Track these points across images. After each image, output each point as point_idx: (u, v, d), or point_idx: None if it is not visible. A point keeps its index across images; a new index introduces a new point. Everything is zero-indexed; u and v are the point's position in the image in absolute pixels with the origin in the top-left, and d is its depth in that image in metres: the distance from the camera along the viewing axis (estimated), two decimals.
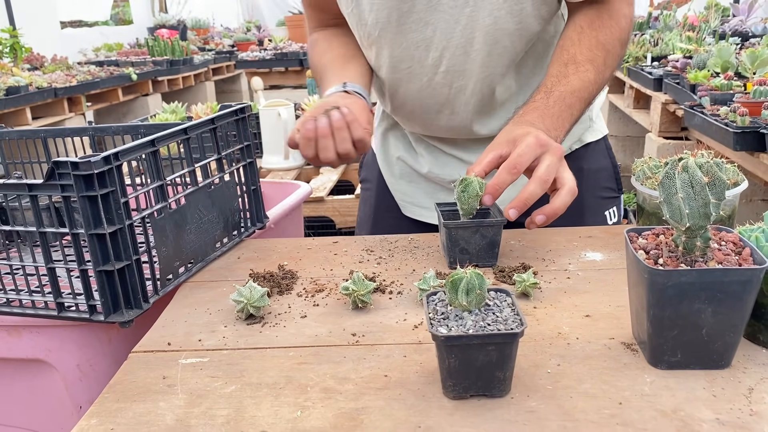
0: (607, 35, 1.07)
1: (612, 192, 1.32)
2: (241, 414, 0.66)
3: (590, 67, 1.05)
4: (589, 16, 1.08)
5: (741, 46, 3.59)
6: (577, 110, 1.04)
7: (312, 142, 0.99)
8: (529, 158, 0.91)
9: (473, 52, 1.09)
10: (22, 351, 0.93)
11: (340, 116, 0.99)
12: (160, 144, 0.92)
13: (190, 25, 9.00)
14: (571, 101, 1.02)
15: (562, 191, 0.92)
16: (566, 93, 1.02)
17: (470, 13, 1.06)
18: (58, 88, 4.41)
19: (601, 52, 1.06)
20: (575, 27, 1.09)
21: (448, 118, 1.19)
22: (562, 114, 1.01)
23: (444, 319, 0.67)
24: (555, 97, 1.02)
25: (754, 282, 0.64)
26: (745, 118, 2.15)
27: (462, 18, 1.07)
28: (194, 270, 1.00)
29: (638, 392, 0.65)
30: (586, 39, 1.07)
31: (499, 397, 0.66)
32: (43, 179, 0.82)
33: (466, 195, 0.93)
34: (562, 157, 0.94)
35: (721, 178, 0.64)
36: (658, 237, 0.73)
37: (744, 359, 0.70)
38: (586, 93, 1.05)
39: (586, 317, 0.81)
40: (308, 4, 1.30)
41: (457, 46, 1.09)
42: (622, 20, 1.09)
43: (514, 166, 0.91)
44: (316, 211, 2.47)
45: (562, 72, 1.04)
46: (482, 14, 1.05)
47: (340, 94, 1.08)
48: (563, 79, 1.04)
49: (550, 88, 1.03)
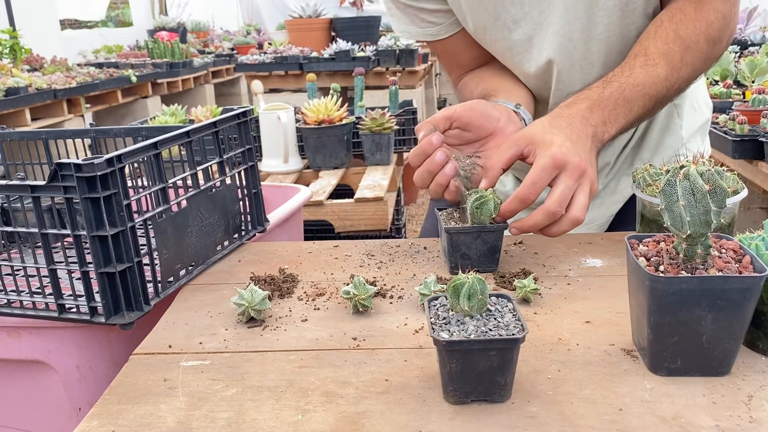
0: (690, 30, 0.97)
1: None
2: (242, 417, 0.66)
3: (662, 61, 0.96)
4: (672, 10, 1.00)
5: (740, 55, 3.61)
6: (638, 106, 0.96)
7: (431, 176, 0.94)
8: (542, 186, 0.87)
9: (587, 66, 1.07)
10: (21, 352, 0.93)
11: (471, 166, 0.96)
12: (163, 147, 0.92)
13: (190, 28, 9.00)
14: (632, 95, 0.95)
15: (563, 219, 0.88)
16: (627, 85, 0.95)
17: (581, 27, 1.03)
18: (57, 90, 4.41)
19: (678, 47, 0.97)
20: (655, 21, 1.01)
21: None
22: (618, 107, 0.94)
23: (445, 324, 0.67)
24: (613, 88, 0.95)
25: (754, 290, 0.65)
26: (743, 127, 2.16)
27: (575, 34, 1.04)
28: (195, 273, 1.00)
29: (638, 398, 0.66)
30: (663, 32, 0.98)
31: (500, 403, 0.66)
32: (46, 180, 0.82)
33: (480, 212, 0.92)
34: (581, 176, 0.88)
35: (722, 186, 0.65)
36: (659, 244, 0.73)
37: (743, 367, 0.70)
38: (653, 90, 0.96)
39: (587, 323, 0.81)
40: (443, 56, 1.26)
41: (572, 67, 1.08)
42: (711, 14, 0.99)
43: (527, 195, 0.87)
44: (315, 215, 2.47)
45: (629, 64, 0.97)
46: (598, 29, 1.03)
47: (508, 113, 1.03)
48: (627, 71, 0.96)
49: (609, 78, 0.97)
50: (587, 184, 0.89)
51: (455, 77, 1.26)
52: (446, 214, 1.02)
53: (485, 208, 0.92)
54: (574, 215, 0.88)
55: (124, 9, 9.51)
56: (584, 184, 0.89)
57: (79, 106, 4.70)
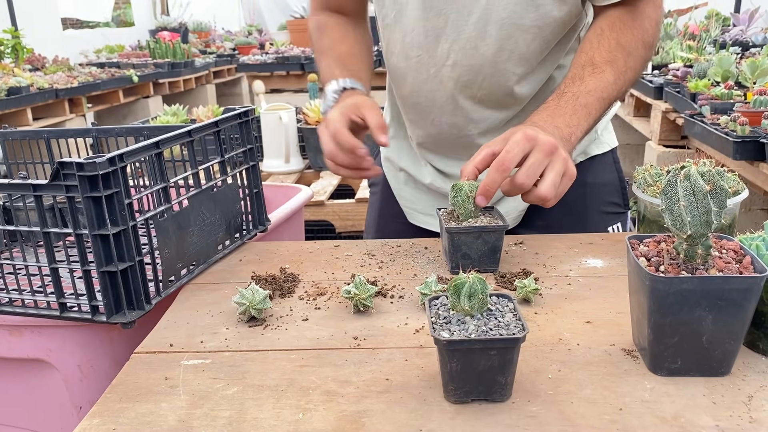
0: (629, 37, 1.04)
1: (617, 207, 1.28)
2: (243, 416, 0.66)
3: (608, 68, 1.02)
4: (611, 19, 1.06)
5: (741, 56, 3.61)
6: (595, 109, 1.01)
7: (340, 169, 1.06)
8: (516, 154, 0.89)
9: (483, 47, 1.08)
10: (23, 351, 0.93)
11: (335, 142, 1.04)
12: (164, 146, 0.92)
13: (192, 28, 9.01)
14: (586, 100, 1.00)
15: (530, 194, 0.90)
16: (580, 92, 1.00)
17: (485, 5, 1.04)
18: (59, 89, 4.42)
19: (621, 54, 1.03)
20: (595, 30, 1.07)
21: (451, 113, 1.17)
22: (576, 112, 0.98)
23: (446, 323, 0.67)
24: (567, 98, 1.00)
25: (754, 290, 0.65)
26: (745, 128, 2.16)
27: (476, 10, 1.05)
28: (196, 272, 1.01)
29: (638, 398, 0.66)
30: (606, 41, 1.04)
31: (500, 402, 0.66)
32: (48, 179, 0.82)
33: (458, 199, 0.95)
34: (552, 151, 0.90)
35: (723, 186, 0.65)
36: (660, 244, 0.73)
37: (743, 367, 0.70)
38: (605, 93, 1.01)
39: (587, 323, 0.81)
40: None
41: (467, 39, 1.08)
42: (645, 22, 1.06)
43: (502, 163, 0.89)
44: (316, 215, 2.48)
45: (578, 74, 1.02)
46: (498, 7, 1.04)
47: (351, 96, 1.10)
48: (577, 81, 1.01)
49: (562, 90, 1.01)
50: (559, 163, 0.90)
51: (317, 5, 1.32)
52: (446, 213, 1.02)
53: (461, 192, 0.94)
54: (542, 192, 0.89)
55: (126, 9, 9.52)
56: (555, 162, 0.90)
57: (81, 106, 4.71)
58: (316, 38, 1.29)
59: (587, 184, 1.24)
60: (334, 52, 1.22)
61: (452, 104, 1.16)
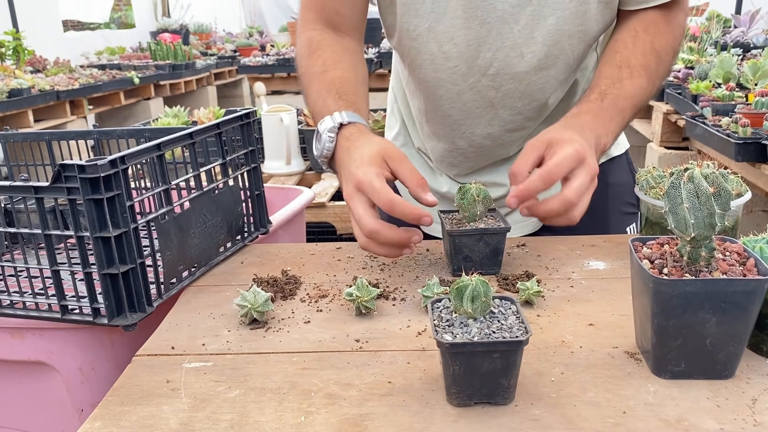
0: (663, 42, 1.03)
1: (633, 207, 1.28)
2: (245, 419, 0.66)
3: (643, 73, 1.01)
4: (645, 22, 1.04)
5: (742, 57, 3.60)
6: (628, 117, 1.00)
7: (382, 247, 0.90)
8: (565, 171, 0.87)
9: (528, 54, 1.05)
10: (24, 353, 0.93)
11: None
12: (166, 148, 0.92)
13: (193, 30, 9.02)
14: (623, 106, 0.98)
15: (566, 214, 0.88)
16: (620, 97, 0.98)
17: (532, 13, 1.01)
18: (60, 91, 4.42)
19: (654, 59, 1.02)
20: (629, 30, 1.04)
21: (487, 123, 1.13)
22: (614, 118, 0.97)
23: (449, 326, 0.67)
24: (609, 101, 0.98)
25: (758, 292, 0.64)
26: (746, 129, 2.16)
27: (522, 17, 1.02)
28: (198, 274, 1.00)
29: (642, 401, 0.66)
30: (641, 43, 1.02)
31: (503, 405, 0.66)
32: (50, 182, 0.82)
33: (465, 202, 0.95)
34: (594, 177, 0.89)
35: (727, 188, 0.65)
36: (663, 247, 0.73)
37: (747, 370, 0.70)
38: (637, 100, 1.00)
39: (590, 326, 0.81)
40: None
41: (512, 46, 1.04)
42: (676, 30, 1.05)
43: (549, 175, 0.86)
44: (318, 216, 2.47)
45: (616, 75, 1.00)
46: (545, 13, 1.01)
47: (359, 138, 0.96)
48: (617, 83, 0.99)
49: (604, 90, 0.99)
50: (593, 187, 0.90)
51: (310, 18, 1.16)
52: (449, 217, 1.01)
53: (468, 195, 0.94)
54: (576, 216, 0.88)
55: (127, 11, 9.53)
56: (591, 189, 0.90)
57: (82, 108, 4.72)
58: (304, 57, 1.13)
59: (609, 185, 1.23)
60: (326, 77, 1.08)
61: (490, 114, 1.12)
